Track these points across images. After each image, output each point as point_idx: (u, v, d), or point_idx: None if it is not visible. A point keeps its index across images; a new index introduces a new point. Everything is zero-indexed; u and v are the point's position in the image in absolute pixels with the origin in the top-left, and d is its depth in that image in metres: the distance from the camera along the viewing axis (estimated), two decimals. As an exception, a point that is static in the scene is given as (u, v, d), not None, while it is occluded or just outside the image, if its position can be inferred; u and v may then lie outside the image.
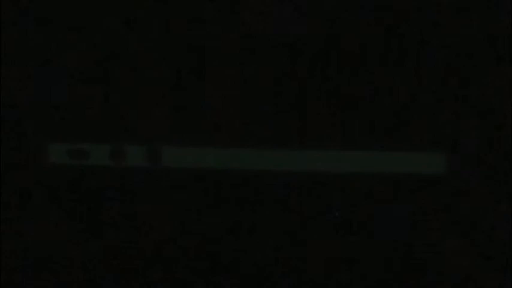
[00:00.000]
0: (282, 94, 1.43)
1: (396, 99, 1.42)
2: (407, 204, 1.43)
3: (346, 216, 1.44)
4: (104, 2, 1.43)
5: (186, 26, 1.43)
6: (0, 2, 1.43)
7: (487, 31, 1.41)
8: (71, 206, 1.46)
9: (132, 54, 1.44)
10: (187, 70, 1.44)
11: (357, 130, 1.43)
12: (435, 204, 1.43)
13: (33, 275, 1.46)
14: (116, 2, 1.43)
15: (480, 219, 1.43)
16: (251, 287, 1.45)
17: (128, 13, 1.43)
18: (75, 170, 1.45)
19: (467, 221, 1.43)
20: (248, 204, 1.45)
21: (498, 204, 1.42)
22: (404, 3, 1.41)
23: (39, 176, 1.45)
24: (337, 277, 1.44)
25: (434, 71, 1.42)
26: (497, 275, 1.43)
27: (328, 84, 1.43)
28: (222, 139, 1.45)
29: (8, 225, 1.45)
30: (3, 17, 1.43)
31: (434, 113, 1.42)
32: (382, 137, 1.43)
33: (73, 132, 1.45)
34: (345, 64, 1.42)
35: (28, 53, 1.44)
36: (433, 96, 1.42)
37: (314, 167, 1.43)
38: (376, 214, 1.44)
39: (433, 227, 1.43)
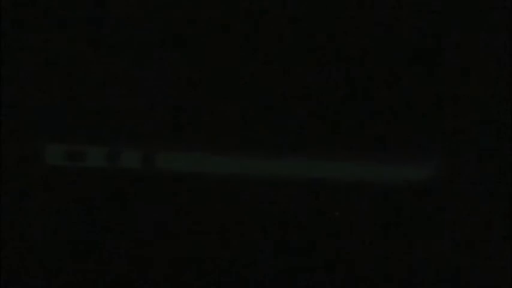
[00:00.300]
0: (277, 102, 1.43)
1: (390, 107, 1.42)
2: (398, 212, 1.43)
3: (340, 223, 1.44)
4: (103, 3, 1.43)
5: (185, 27, 1.43)
6: (0, 2, 1.43)
7: (481, 32, 1.41)
8: (69, 208, 1.45)
9: (130, 54, 1.43)
10: (185, 73, 1.44)
11: (348, 138, 1.43)
12: (429, 212, 1.43)
13: (33, 277, 1.46)
14: (116, 3, 1.43)
15: (476, 226, 1.43)
16: None
17: (128, 14, 1.43)
18: (72, 171, 1.44)
19: (462, 228, 1.43)
20: (242, 210, 1.45)
21: (495, 214, 1.42)
22: (404, 5, 1.41)
23: (36, 178, 1.45)
24: (334, 280, 1.44)
25: (428, 76, 1.42)
26: (495, 280, 1.42)
27: (320, 94, 1.42)
28: (218, 144, 1.44)
29: (7, 227, 1.45)
30: (3, 17, 1.43)
31: (427, 121, 1.42)
32: (373, 145, 1.43)
33: (70, 133, 1.44)
34: (339, 74, 1.42)
35: (28, 53, 1.44)
36: (426, 103, 1.42)
37: (308, 175, 1.43)
38: (370, 221, 1.44)
39: (427, 233, 1.43)
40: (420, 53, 1.42)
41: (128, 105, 1.44)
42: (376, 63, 1.42)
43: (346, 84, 1.42)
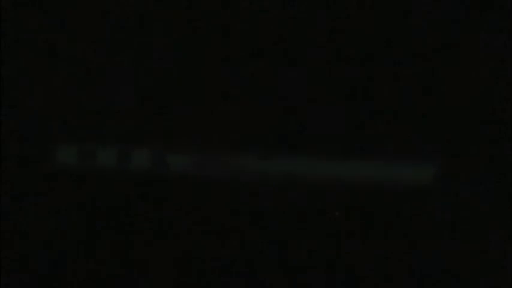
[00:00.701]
0: (278, 103, 1.43)
1: (390, 107, 1.42)
2: (398, 213, 1.43)
3: (340, 224, 1.45)
4: (107, 4, 1.43)
5: (188, 33, 1.43)
6: (0, 2, 1.43)
7: (481, 32, 1.41)
8: (79, 208, 1.46)
9: (137, 56, 1.44)
10: (191, 75, 1.44)
11: (348, 139, 1.43)
12: (429, 212, 1.43)
13: (36, 279, 1.46)
14: (119, 5, 1.43)
15: (476, 226, 1.43)
16: None
17: (131, 15, 1.43)
18: (83, 171, 1.44)
19: (462, 228, 1.43)
20: (243, 210, 1.45)
21: (495, 214, 1.42)
22: (404, 5, 1.41)
23: (47, 177, 1.45)
24: (334, 280, 1.44)
25: (426, 78, 1.42)
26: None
27: (320, 95, 1.43)
28: (225, 146, 1.45)
29: (15, 226, 1.45)
30: (3, 17, 1.43)
31: (425, 122, 1.42)
32: (373, 145, 1.43)
33: (81, 134, 1.45)
34: (339, 74, 1.42)
35: (35, 53, 1.44)
36: (426, 103, 1.42)
37: (311, 174, 1.43)
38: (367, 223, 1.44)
39: (427, 233, 1.43)
40: (421, 52, 1.42)
41: (138, 105, 1.44)
42: (376, 63, 1.42)
43: (346, 85, 1.42)
